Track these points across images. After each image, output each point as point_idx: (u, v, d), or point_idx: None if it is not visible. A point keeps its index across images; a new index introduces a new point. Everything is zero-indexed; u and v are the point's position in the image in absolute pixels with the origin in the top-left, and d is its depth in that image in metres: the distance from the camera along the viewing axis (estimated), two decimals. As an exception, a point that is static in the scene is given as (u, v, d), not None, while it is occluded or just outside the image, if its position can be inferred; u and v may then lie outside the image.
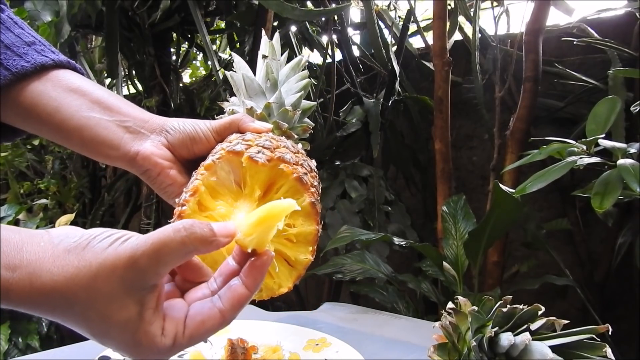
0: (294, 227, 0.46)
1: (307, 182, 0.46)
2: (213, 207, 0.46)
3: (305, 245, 0.46)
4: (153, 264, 0.35)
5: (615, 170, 0.83)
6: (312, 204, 0.45)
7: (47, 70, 0.52)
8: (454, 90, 1.65)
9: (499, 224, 1.16)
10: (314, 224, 0.46)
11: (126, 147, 0.51)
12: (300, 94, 0.55)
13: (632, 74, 1.23)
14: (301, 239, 0.46)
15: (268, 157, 0.45)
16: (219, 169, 0.46)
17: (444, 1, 1.57)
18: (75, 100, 0.51)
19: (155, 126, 0.53)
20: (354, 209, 1.63)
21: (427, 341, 0.54)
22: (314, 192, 0.46)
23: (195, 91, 2.25)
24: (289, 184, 0.45)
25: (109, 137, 0.51)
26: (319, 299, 1.90)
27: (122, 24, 1.85)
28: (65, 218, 2.06)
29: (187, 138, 0.52)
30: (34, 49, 0.53)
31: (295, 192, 0.46)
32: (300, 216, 0.46)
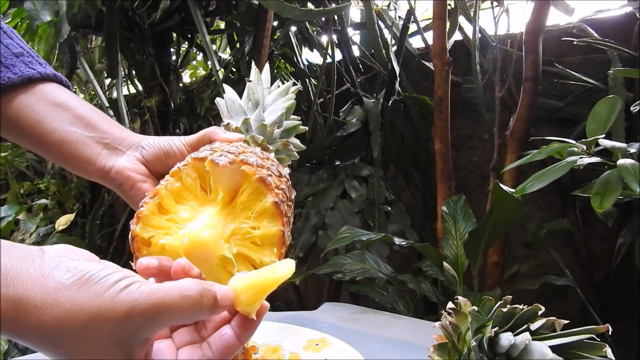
0: (258, 229, 0.45)
1: (270, 183, 0.45)
2: (175, 210, 0.46)
3: (270, 247, 0.45)
4: (149, 323, 0.34)
5: (615, 170, 0.83)
6: (275, 204, 0.44)
7: (34, 83, 0.54)
8: (454, 90, 1.65)
9: (499, 224, 1.16)
10: (278, 224, 0.45)
11: (102, 162, 0.53)
12: (281, 112, 0.55)
13: (632, 74, 1.23)
14: (266, 241, 0.45)
15: (230, 160, 0.45)
16: (185, 175, 0.46)
17: (444, 1, 1.57)
18: (58, 114, 0.53)
19: (132, 143, 0.55)
20: (354, 209, 1.63)
21: (427, 341, 0.54)
22: (278, 193, 0.46)
23: (195, 91, 2.25)
24: (252, 185, 0.45)
25: (87, 152, 0.53)
26: (319, 299, 1.90)
27: (122, 24, 1.85)
28: (65, 218, 2.05)
29: (161, 152, 0.54)
30: (22, 61, 0.54)
31: (259, 193, 0.45)
32: (265, 217, 0.45)
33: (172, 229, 0.45)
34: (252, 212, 0.45)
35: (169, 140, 0.55)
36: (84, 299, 0.32)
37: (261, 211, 0.45)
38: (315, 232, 1.61)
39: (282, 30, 1.86)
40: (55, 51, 1.63)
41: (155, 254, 0.44)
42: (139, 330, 0.33)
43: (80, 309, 0.32)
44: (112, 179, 0.53)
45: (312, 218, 1.63)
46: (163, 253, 0.44)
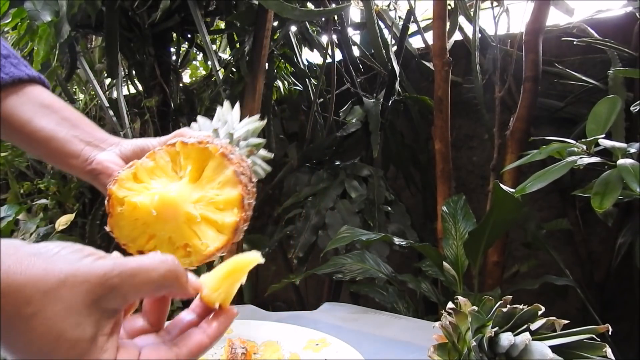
0: (220, 196, 0.49)
1: (232, 158, 0.50)
2: (148, 181, 0.50)
3: (231, 210, 0.49)
4: (125, 286, 0.33)
5: (615, 170, 0.83)
6: (235, 172, 0.49)
7: (23, 84, 0.59)
8: (454, 90, 1.65)
9: (499, 224, 1.16)
10: (238, 189, 0.49)
11: (85, 156, 0.58)
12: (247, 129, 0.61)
13: (632, 74, 1.23)
14: (227, 205, 0.49)
15: (198, 140, 0.51)
16: (158, 156, 0.51)
17: (444, 1, 1.57)
18: (46, 115, 0.58)
19: (112, 142, 0.61)
20: (354, 209, 1.63)
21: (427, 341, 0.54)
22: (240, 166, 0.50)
23: (195, 91, 2.25)
24: (216, 160, 0.49)
25: (72, 148, 0.58)
26: (319, 299, 1.90)
27: (122, 24, 1.85)
28: (65, 218, 2.05)
29: (138, 148, 0.59)
30: (10, 62, 0.59)
31: (222, 166, 0.49)
32: (227, 185, 0.49)
33: (144, 192, 0.49)
34: (215, 182, 0.50)
35: (145, 139, 0.61)
36: (62, 262, 0.31)
37: (224, 181, 0.49)
38: (315, 232, 1.61)
39: (282, 30, 1.86)
40: (55, 51, 1.63)
41: (127, 211, 0.48)
42: (114, 293, 0.33)
43: (58, 269, 0.31)
44: (92, 170, 0.58)
45: (312, 218, 1.63)
46: (135, 211, 0.48)
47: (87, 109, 2.53)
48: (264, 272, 2.42)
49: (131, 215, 0.48)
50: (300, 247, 1.58)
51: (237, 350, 0.68)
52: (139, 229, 0.48)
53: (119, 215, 0.48)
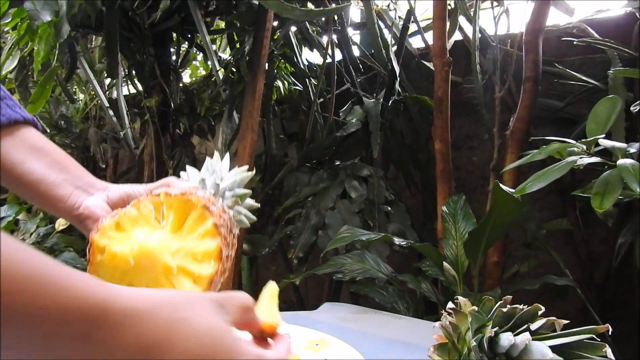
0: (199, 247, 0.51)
1: (213, 210, 0.52)
2: (130, 230, 0.52)
3: (208, 261, 0.50)
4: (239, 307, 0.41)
5: (615, 170, 0.83)
6: (215, 224, 0.51)
7: (18, 126, 0.59)
8: (454, 90, 1.65)
9: (499, 224, 1.16)
10: (216, 241, 0.50)
11: (72, 201, 0.59)
12: (234, 179, 0.63)
13: (632, 74, 1.23)
14: (205, 257, 0.50)
15: (181, 192, 0.53)
16: (142, 206, 0.53)
17: (444, 1, 1.57)
18: (38, 158, 0.59)
19: (100, 187, 0.62)
20: (354, 209, 1.63)
21: (427, 341, 0.54)
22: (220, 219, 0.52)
23: (195, 91, 2.25)
24: (198, 212, 0.51)
25: (60, 192, 0.59)
26: (319, 299, 1.90)
27: (122, 24, 1.84)
28: (65, 218, 2.05)
29: (125, 194, 0.61)
30: (6, 104, 0.59)
31: (203, 218, 0.51)
32: (206, 237, 0.51)
33: (125, 241, 0.51)
34: (195, 233, 0.51)
35: (132, 186, 0.63)
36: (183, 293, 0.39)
37: (204, 233, 0.51)
38: (315, 232, 1.61)
39: (282, 30, 1.86)
40: (55, 51, 1.63)
41: (107, 260, 0.50)
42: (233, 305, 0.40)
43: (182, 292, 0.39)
44: (79, 215, 0.59)
45: (312, 218, 1.63)
46: (114, 260, 0.49)
47: (87, 109, 2.53)
48: (264, 272, 2.42)
49: (110, 264, 0.49)
50: (300, 247, 1.58)
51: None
52: (117, 277, 0.49)
53: (99, 263, 0.50)
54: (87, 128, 2.44)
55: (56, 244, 1.93)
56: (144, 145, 2.07)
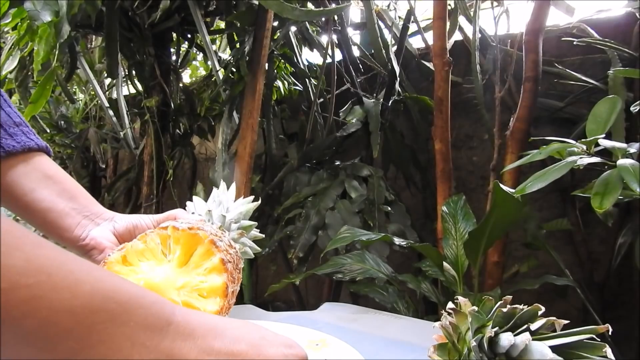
0: (205, 283, 0.51)
1: (220, 246, 0.52)
2: (137, 264, 0.52)
3: (214, 297, 0.51)
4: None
5: (615, 170, 0.83)
6: (222, 260, 0.51)
7: (32, 153, 0.60)
8: (454, 90, 1.65)
9: (499, 224, 1.16)
10: (223, 278, 0.51)
11: (79, 231, 0.60)
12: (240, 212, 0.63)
13: (632, 74, 1.23)
14: (211, 293, 0.51)
15: (189, 226, 0.53)
16: (150, 239, 0.54)
17: (444, 1, 1.57)
18: (49, 185, 0.60)
19: (107, 217, 0.63)
20: (354, 209, 1.63)
21: (427, 341, 0.54)
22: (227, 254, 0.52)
23: (195, 91, 2.25)
24: (205, 247, 0.52)
25: (68, 222, 0.60)
26: (319, 299, 1.90)
27: (122, 24, 1.84)
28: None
29: (131, 225, 0.62)
30: (21, 130, 0.60)
31: (210, 253, 0.52)
32: (212, 272, 0.51)
33: (131, 275, 0.51)
34: (201, 268, 0.52)
35: (138, 216, 0.64)
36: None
37: (210, 268, 0.51)
38: (315, 232, 1.61)
39: (282, 30, 1.86)
40: (55, 51, 1.63)
41: None
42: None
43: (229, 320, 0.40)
44: (85, 245, 0.60)
45: (312, 218, 1.63)
46: None
47: (87, 109, 2.53)
48: (264, 272, 2.42)
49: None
50: (300, 247, 1.58)
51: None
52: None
53: None
54: (87, 128, 2.44)
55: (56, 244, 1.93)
56: (144, 145, 2.07)
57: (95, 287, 0.29)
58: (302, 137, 1.98)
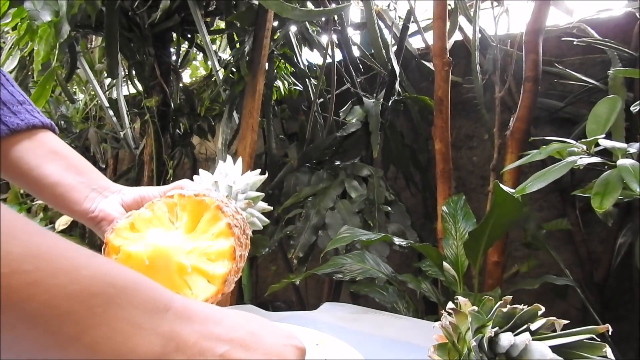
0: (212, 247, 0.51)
1: (226, 211, 0.52)
2: (145, 231, 0.52)
3: (222, 260, 0.51)
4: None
5: (615, 170, 0.83)
6: (228, 224, 0.51)
7: (36, 130, 0.61)
8: (454, 90, 1.65)
9: (499, 224, 1.16)
10: (230, 241, 0.51)
11: (87, 204, 0.61)
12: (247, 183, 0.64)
13: (632, 74, 1.23)
14: (219, 256, 0.51)
15: (195, 193, 0.54)
16: (156, 207, 0.55)
17: (444, 1, 1.57)
18: (55, 161, 0.61)
19: (115, 189, 0.64)
20: (354, 209, 1.63)
21: (427, 341, 0.54)
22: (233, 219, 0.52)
23: (195, 91, 2.25)
24: (211, 213, 0.52)
25: (76, 195, 0.61)
26: (319, 299, 1.90)
27: (122, 24, 1.85)
28: (65, 218, 2.06)
29: (138, 196, 0.63)
30: (25, 108, 0.61)
31: (216, 218, 0.52)
32: (220, 236, 0.51)
33: (139, 241, 0.51)
34: (208, 233, 0.52)
35: (145, 188, 0.64)
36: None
37: (217, 233, 0.51)
38: (315, 232, 1.61)
39: (282, 30, 1.86)
40: (55, 51, 1.63)
41: (121, 260, 0.50)
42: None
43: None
44: (94, 218, 0.60)
45: (312, 218, 1.63)
46: (129, 260, 0.50)
47: (87, 109, 2.53)
48: (264, 272, 2.42)
49: (125, 264, 0.49)
50: (300, 247, 1.58)
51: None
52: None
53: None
54: (87, 128, 2.44)
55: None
56: (144, 145, 2.07)
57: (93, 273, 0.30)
58: (302, 137, 1.98)
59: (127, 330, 0.30)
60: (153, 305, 0.33)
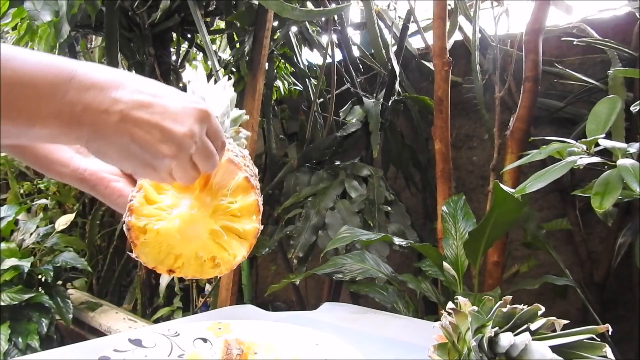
0: (235, 203, 0.50)
1: (238, 162, 0.51)
2: (159, 200, 0.51)
3: (249, 216, 0.50)
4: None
5: (615, 170, 0.83)
6: (246, 178, 0.50)
7: None
8: (454, 90, 1.65)
9: (499, 224, 1.16)
10: (252, 195, 0.50)
11: (76, 165, 0.58)
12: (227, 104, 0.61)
13: (632, 74, 1.23)
14: (244, 211, 0.50)
15: None
16: None
17: (444, 1, 1.57)
18: None
19: None
20: (354, 209, 1.63)
21: (427, 341, 0.54)
22: (247, 169, 0.51)
23: (195, 91, 2.25)
24: (224, 167, 0.50)
25: (61, 155, 0.57)
26: (319, 299, 1.90)
27: (122, 24, 1.85)
28: (65, 218, 2.05)
29: None
30: None
31: (230, 172, 0.50)
32: (239, 192, 0.50)
33: (162, 215, 0.50)
34: (227, 189, 0.50)
35: None
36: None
37: (235, 187, 0.50)
38: (315, 232, 1.61)
39: (282, 30, 1.86)
40: (55, 51, 1.63)
41: (151, 239, 0.49)
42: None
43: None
44: (87, 180, 0.58)
45: (312, 218, 1.63)
46: (158, 236, 0.49)
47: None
48: (264, 272, 2.42)
49: (155, 241, 0.49)
50: (300, 247, 1.58)
51: (232, 351, 0.68)
52: (164, 251, 0.49)
53: (144, 244, 0.49)
54: (87, 128, 2.44)
55: (56, 244, 1.93)
56: (144, 145, 2.06)
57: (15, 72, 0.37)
58: (302, 137, 1.98)
59: (33, 106, 0.37)
60: (55, 77, 0.37)
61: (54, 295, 1.81)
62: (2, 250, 1.77)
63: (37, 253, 1.92)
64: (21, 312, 1.71)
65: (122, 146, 0.41)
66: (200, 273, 0.51)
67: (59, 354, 0.73)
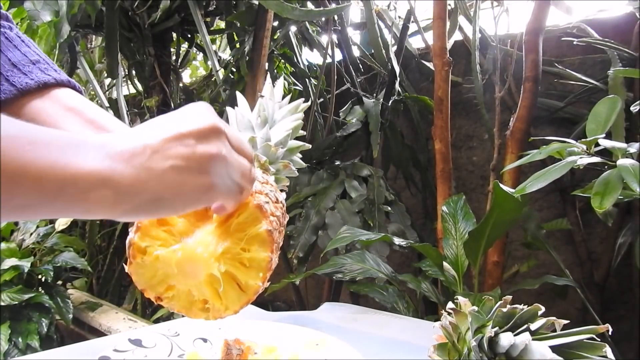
0: (248, 252, 0.47)
1: (266, 210, 0.47)
2: (173, 222, 0.48)
3: (257, 271, 0.47)
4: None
5: (615, 170, 0.83)
6: (268, 231, 0.47)
7: (49, 88, 0.56)
8: (454, 90, 1.65)
9: (499, 224, 1.16)
10: (267, 251, 0.47)
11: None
12: (288, 132, 0.57)
13: (632, 74, 1.23)
14: (254, 264, 0.47)
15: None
16: None
17: (444, 1, 1.57)
18: (71, 118, 0.55)
19: None
20: (354, 209, 1.63)
21: (427, 341, 0.54)
22: (272, 220, 0.48)
23: (195, 91, 2.25)
24: (249, 211, 0.47)
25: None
26: (319, 299, 1.90)
27: (122, 24, 1.85)
28: (65, 218, 2.05)
29: None
30: (38, 67, 0.56)
31: (254, 218, 0.47)
32: (256, 242, 0.47)
33: (168, 241, 0.48)
34: (245, 234, 0.47)
35: None
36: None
37: (254, 235, 0.47)
38: (315, 232, 1.61)
39: (282, 30, 1.86)
40: (56, 51, 1.63)
41: (149, 262, 0.47)
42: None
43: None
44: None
45: (312, 218, 1.63)
46: (156, 263, 0.46)
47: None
48: (264, 272, 2.41)
49: (152, 266, 0.47)
50: (300, 247, 1.58)
51: (232, 351, 0.68)
52: (158, 278, 0.47)
53: (140, 264, 0.47)
54: (87, 128, 2.44)
55: (56, 244, 1.93)
56: (144, 145, 2.06)
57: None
58: (302, 137, 1.98)
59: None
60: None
61: (54, 295, 1.81)
62: (2, 250, 1.77)
63: (37, 253, 1.92)
64: (21, 312, 1.71)
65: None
66: (187, 311, 0.49)
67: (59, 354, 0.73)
